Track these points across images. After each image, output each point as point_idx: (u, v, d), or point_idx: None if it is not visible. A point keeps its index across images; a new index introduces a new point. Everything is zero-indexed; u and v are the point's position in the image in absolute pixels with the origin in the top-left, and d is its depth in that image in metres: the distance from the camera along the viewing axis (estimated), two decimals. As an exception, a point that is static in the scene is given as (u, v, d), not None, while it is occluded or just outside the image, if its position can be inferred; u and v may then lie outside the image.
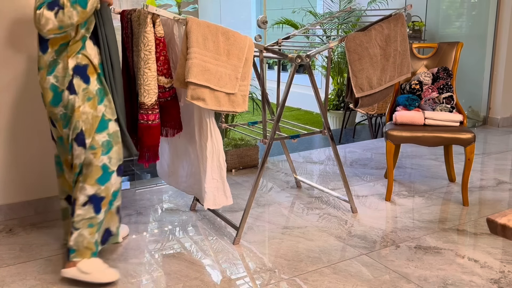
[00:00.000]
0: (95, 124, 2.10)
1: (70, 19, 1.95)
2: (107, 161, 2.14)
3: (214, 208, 2.48)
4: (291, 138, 2.66)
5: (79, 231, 2.13)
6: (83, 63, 2.09)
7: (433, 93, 3.14)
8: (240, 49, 2.28)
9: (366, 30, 2.72)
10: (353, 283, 2.16)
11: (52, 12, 1.93)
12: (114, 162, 2.18)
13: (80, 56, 2.08)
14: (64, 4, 1.93)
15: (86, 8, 1.97)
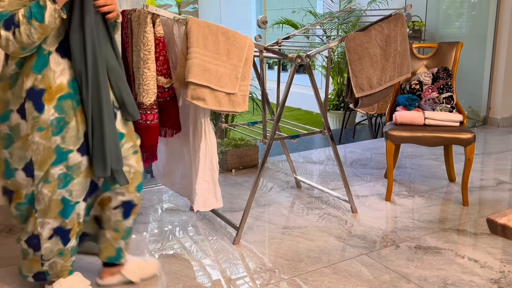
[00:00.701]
0: (48, 156, 1.78)
1: (30, 38, 1.64)
2: (66, 194, 1.84)
3: (204, 211, 2.48)
4: (291, 138, 2.66)
5: (50, 262, 1.94)
6: (39, 87, 1.73)
7: (433, 93, 3.14)
8: (240, 49, 2.28)
9: (366, 30, 2.72)
10: (353, 283, 2.16)
11: (9, 32, 1.63)
12: (77, 194, 1.87)
13: (39, 77, 1.73)
14: (19, 21, 1.62)
15: (43, 22, 1.62)
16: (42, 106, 1.74)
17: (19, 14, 1.61)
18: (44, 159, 1.77)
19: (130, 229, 2.12)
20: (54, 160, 1.78)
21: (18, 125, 1.78)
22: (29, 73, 1.73)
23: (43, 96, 1.73)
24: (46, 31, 1.66)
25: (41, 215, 1.85)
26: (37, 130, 1.75)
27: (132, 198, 2.04)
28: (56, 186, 1.81)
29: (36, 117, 1.74)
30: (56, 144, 1.78)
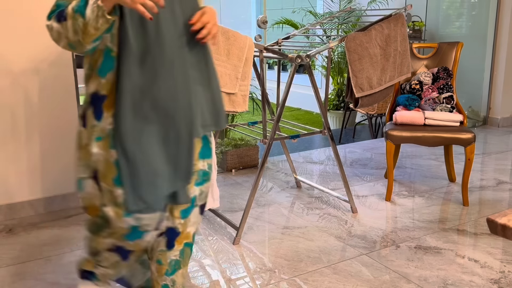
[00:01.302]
0: (109, 171, 1.49)
1: (76, 36, 1.35)
2: (136, 222, 1.56)
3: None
4: (291, 138, 2.66)
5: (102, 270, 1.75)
6: (102, 92, 1.46)
7: (433, 93, 3.14)
8: (240, 49, 2.28)
9: (366, 30, 2.72)
10: (353, 283, 2.16)
11: (60, 25, 1.36)
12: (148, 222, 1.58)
13: (103, 81, 1.45)
14: (67, 14, 1.34)
15: (85, 18, 1.31)
16: (101, 113, 1.47)
17: (71, 6, 1.34)
18: (105, 172, 1.50)
19: (178, 263, 1.71)
20: (115, 176, 1.48)
21: (80, 133, 1.54)
22: (94, 75, 1.47)
23: (104, 103, 1.47)
24: (89, 31, 1.33)
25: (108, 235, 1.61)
26: (95, 140, 1.49)
27: (176, 225, 1.66)
28: (122, 212, 1.53)
29: (94, 126, 1.48)
30: (115, 159, 1.47)
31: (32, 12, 2.73)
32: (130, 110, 1.43)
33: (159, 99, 1.45)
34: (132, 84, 1.42)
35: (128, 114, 1.43)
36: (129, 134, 1.43)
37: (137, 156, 1.45)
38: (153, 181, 1.48)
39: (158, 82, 1.44)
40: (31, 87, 2.80)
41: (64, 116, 2.92)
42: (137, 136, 1.45)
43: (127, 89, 1.41)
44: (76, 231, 2.70)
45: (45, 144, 2.89)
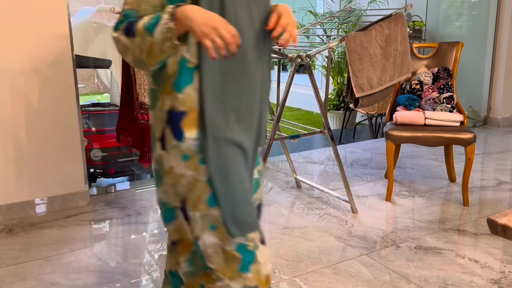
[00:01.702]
0: (202, 192, 1.30)
1: (141, 54, 1.22)
2: (243, 240, 1.33)
3: None
4: (291, 138, 2.65)
5: None
6: (179, 109, 1.28)
7: (434, 93, 3.13)
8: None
9: (367, 30, 2.72)
10: (353, 283, 2.16)
11: (128, 39, 1.22)
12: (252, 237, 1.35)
13: (180, 97, 1.27)
14: (137, 30, 1.20)
15: (153, 37, 1.18)
16: (181, 133, 1.30)
17: (142, 22, 1.20)
18: (197, 195, 1.31)
19: None
20: (209, 195, 1.30)
21: (161, 157, 1.35)
22: (169, 90, 1.28)
23: (183, 120, 1.29)
24: (153, 52, 1.20)
25: (220, 276, 1.34)
26: (182, 160, 1.31)
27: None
28: (226, 232, 1.31)
29: (176, 146, 1.31)
30: (207, 176, 1.30)
31: (32, 11, 2.73)
32: (215, 125, 1.29)
33: (241, 112, 1.33)
34: (215, 97, 1.28)
35: (213, 129, 1.28)
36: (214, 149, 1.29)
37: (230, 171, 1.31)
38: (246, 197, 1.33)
39: (241, 95, 1.32)
40: (30, 86, 2.80)
41: (64, 116, 2.92)
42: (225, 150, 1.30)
43: (210, 102, 1.27)
44: (76, 231, 2.70)
45: (45, 144, 2.89)
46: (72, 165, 2.99)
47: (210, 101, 1.27)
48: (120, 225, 2.79)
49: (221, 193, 1.29)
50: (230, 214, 1.30)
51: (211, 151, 1.29)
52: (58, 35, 2.82)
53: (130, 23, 1.23)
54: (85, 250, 2.48)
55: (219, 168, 1.29)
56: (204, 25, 1.13)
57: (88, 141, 3.28)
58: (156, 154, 1.36)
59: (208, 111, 1.27)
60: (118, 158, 3.44)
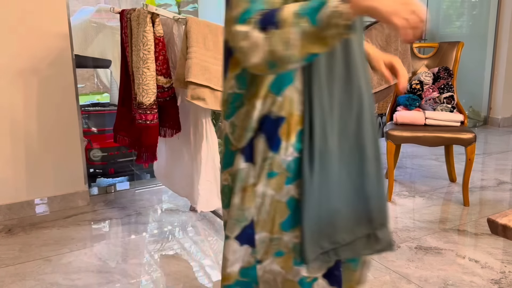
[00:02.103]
0: (278, 213, 1.14)
1: (287, 49, 0.95)
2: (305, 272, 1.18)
3: (207, 211, 2.48)
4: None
5: None
6: (277, 114, 1.09)
7: (434, 93, 3.13)
8: (240, 48, 2.27)
9: (367, 30, 2.71)
10: (353, 283, 2.15)
11: (263, 35, 0.96)
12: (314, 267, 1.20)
13: (279, 100, 1.08)
14: (283, 19, 0.94)
15: (315, 24, 0.93)
16: (278, 142, 1.11)
17: (288, 10, 0.95)
18: (271, 217, 1.15)
19: None
20: (285, 219, 1.14)
21: (240, 172, 1.15)
22: (264, 93, 1.09)
23: (281, 128, 1.10)
24: (310, 43, 0.94)
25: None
26: (268, 177, 1.13)
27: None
28: (292, 260, 1.16)
29: (268, 158, 1.12)
30: (290, 197, 1.12)
31: (32, 11, 2.72)
32: (321, 135, 1.09)
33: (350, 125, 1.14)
34: (324, 101, 1.09)
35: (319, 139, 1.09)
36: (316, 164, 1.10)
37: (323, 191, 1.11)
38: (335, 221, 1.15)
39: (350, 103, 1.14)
40: (30, 86, 2.80)
41: (63, 116, 2.92)
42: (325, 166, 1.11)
43: (317, 108, 1.08)
44: (76, 231, 2.69)
45: (44, 144, 2.89)
46: (72, 165, 2.99)
47: (319, 105, 1.08)
48: (120, 225, 2.78)
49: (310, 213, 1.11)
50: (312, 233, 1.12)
51: (316, 168, 1.09)
52: (58, 35, 2.82)
53: (267, 13, 0.97)
54: (85, 250, 2.48)
55: (320, 190, 1.10)
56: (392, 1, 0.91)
57: (88, 141, 3.27)
58: (234, 168, 1.15)
59: (317, 118, 1.08)
60: (118, 158, 3.44)
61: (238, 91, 1.13)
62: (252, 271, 1.19)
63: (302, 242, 1.12)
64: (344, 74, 1.11)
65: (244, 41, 0.98)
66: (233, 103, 1.14)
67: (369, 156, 1.17)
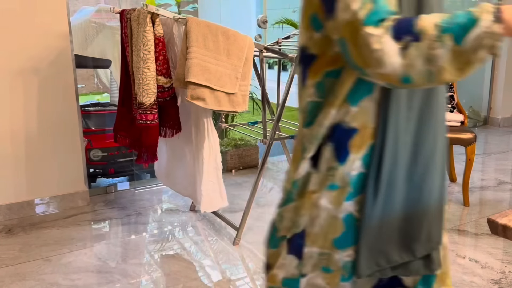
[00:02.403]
0: (330, 228, 1.10)
1: (428, 66, 0.87)
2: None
3: (210, 211, 2.47)
4: (291, 138, 2.65)
5: None
6: (350, 125, 1.04)
7: (434, 93, 3.13)
8: (240, 48, 2.27)
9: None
10: (353, 283, 2.15)
11: (399, 45, 0.87)
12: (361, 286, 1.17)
13: (354, 110, 1.03)
14: (423, 31, 0.86)
15: (460, 45, 0.86)
16: (346, 154, 1.06)
17: (428, 20, 0.88)
18: (324, 232, 1.10)
19: None
20: (338, 235, 1.10)
21: (306, 176, 1.12)
22: (339, 103, 1.04)
23: (352, 139, 1.05)
24: (456, 66, 0.87)
25: None
26: (328, 189, 1.09)
27: None
28: (339, 277, 1.12)
29: (331, 168, 1.08)
30: (347, 213, 1.08)
31: (32, 11, 2.72)
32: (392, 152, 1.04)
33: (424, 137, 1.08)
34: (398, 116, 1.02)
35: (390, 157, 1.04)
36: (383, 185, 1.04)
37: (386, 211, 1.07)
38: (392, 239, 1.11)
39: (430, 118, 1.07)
40: (30, 86, 2.80)
41: (64, 116, 2.92)
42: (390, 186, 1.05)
43: (393, 123, 1.02)
44: (76, 231, 2.69)
45: (44, 144, 2.88)
46: (71, 165, 2.99)
47: (395, 120, 1.01)
48: (120, 225, 2.78)
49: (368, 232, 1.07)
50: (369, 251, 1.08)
51: (381, 189, 1.03)
52: (58, 34, 2.82)
53: (402, 21, 0.89)
54: (85, 250, 2.48)
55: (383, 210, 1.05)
56: None
57: (88, 141, 3.27)
58: (300, 170, 1.11)
59: (391, 133, 1.01)
60: (118, 158, 3.44)
61: (317, 100, 1.07)
62: (295, 284, 1.15)
63: (357, 260, 1.08)
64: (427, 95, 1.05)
65: (377, 46, 0.88)
66: (311, 112, 1.09)
67: (436, 180, 1.11)
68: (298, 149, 1.14)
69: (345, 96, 1.03)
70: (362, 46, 0.88)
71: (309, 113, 1.09)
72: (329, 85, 1.05)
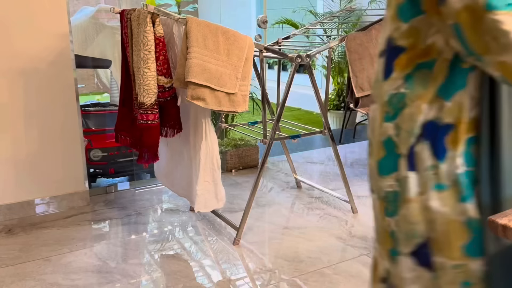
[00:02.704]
0: (454, 234, 1.00)
1: None
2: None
3: (205, 211, 2.48)
4: (291, 138, 2.65)
5: None
6: (444, 121, 0.99)
7: (434, 93, 3.13)
8: (240, 48, 2.27)
9: (367, 29, 2.71)
10: (354, 283, 2.15)
11: None
12: None
13: (448, 105, 0.98)
14: None
15: None
16: (443, 151, 1.00)
17: None
18: (447, 238, 1.01)
19: None
20: (467, 242, 0.99)
21: (405, 180, 1.04)
22: (431, 97, 0.99)
23: (447, 136, 0.99)
24: None
25: None
26: (435, 189, 1.00)
27: None
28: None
29: (432, 167, 1.00)
30: (467, 216, 0.98)
31: (32, 11, 2.73)
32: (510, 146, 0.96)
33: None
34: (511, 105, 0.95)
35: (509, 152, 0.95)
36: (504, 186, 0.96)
37: None
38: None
39: None
40: (30, 86, 2.80)
41: (64, 116, 2.92)
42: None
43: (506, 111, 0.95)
44: (76, 231, 2.70)
45: (44, 144, 2.89)
46: (72, 165, 2.99)
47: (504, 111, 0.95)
48: (120, 225, 2.79)
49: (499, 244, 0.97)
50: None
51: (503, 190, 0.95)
52: (58, 34, 2.82)
53: None
54: (85, 250, 2.48)
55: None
56: None
57: (88, 141, 3.27)
58: (400, 173, 1.04)
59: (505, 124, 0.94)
60: (118, 158, 3.44)
61: (404, 91, 1.02)
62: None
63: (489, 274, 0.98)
64: None
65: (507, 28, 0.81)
66: (396, 104, 1.04)
67: None
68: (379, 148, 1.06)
69: (436, 89, 0.98)
70: (487, 31, 0.82)
71: (394, 106, 1.03)
72: (421, 77, 0.99)
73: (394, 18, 0.98)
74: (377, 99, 1.08)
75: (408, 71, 1.00)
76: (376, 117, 1.08)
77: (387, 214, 1.07)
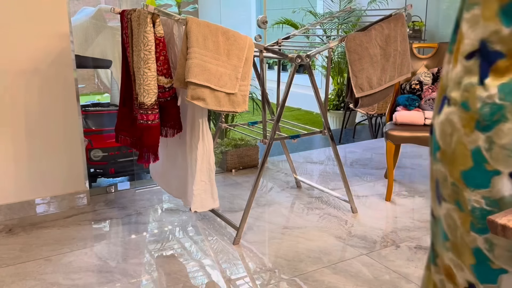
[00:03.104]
0: None
1: None
2: None
3: (201, 211, 2.48)
4: (291, 138, 2.66)
5: None
6: None
7: (434, 93, 3.13)
8: (240, 49, 2.28)
9: (366, 30, 2.72)
10: (353, 283, 2.16)
11: None
12: None
13: None
14: None
15: None
16: None
17: None
18: None
19: None
20: None
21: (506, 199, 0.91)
22: None
23: None
24: None
25: None
26: None
27: None
28: None
29: None
30: None
31: (32, 11, 2.73)
32: None
33: None
34: None
35: None
36: None
37: None
38: None
39: None
40: (31, 86, 2.80)
41: (64, 116, 2.92)
42: None
43: None
44: (76, 231, 2.70)
45: (45, 144, 2.89)
46: (72, 165, 3.00)
47: None
48: (120, 225, 2.79)
49: None
50: None
51: None
52: (58, 35, 2.82)
53: None
54: (85, 250, 2.48)
55: None
56: None
57: (88, 141, 3.28)
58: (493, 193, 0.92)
59: None
60: (118, 158, 3.44)
61: (498, 102, 0.90)
62: None
63: None
64: None
65: None
66: (491, 116, 0.91)
67: None
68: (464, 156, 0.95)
69: None
70: None
71: (487, 117, 0.91)
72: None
73: (493, 19, 0.86)
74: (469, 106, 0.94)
75: (505, 80, 0.88)
76: (455, 121, 0.95)
77: (474, 230, 0.95)
